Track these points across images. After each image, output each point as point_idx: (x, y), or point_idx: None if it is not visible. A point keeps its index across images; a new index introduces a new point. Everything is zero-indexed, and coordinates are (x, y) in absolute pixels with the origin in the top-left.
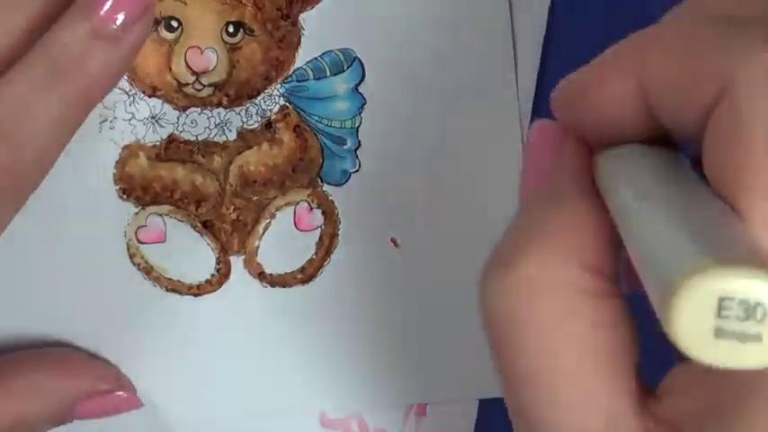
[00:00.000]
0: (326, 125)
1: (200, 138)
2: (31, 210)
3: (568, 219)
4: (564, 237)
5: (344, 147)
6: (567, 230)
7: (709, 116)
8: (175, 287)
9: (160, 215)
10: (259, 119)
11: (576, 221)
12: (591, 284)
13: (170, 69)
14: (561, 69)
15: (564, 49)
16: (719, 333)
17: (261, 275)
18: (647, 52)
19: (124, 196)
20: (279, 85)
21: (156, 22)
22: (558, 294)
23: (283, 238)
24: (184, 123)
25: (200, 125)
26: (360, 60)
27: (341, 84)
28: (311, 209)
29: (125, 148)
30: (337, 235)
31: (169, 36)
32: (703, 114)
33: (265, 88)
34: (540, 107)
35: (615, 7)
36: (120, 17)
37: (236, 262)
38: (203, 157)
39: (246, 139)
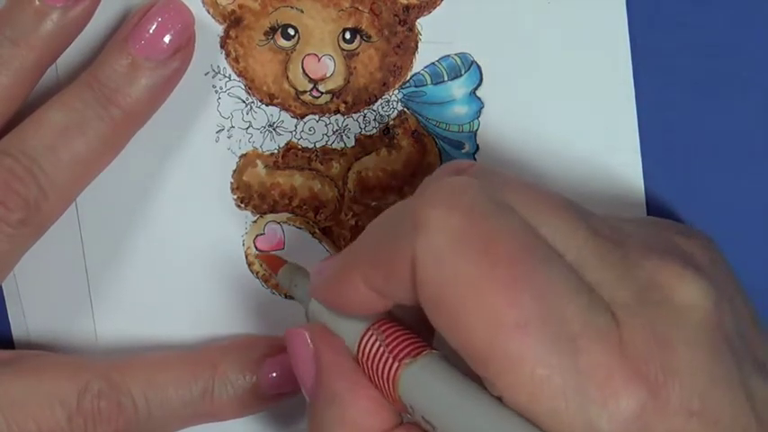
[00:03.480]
0: (444, 129)
1: (317, 145)
2: (150, 220)
3: (346, 409)
4: (350, 423)
5: (462, 151)
6: (349, 419)
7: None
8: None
9: (278, 223)
10: (377, 125)
11: (351, 410)
12: None
13: (287, 77)
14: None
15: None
16: None
17: None
18: (358, 264)
19: (242, 205)
20: (396, 91)
21: (273, 31)
22: None
23: None
24: (302, 131)
25: (317, 132)
26: (477, 64)
27: (458, 88)
28: None
29: (242, 156)
30: None
31: (286, 44)
32: (412, 286)
33: (383, 94)
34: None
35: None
36: (163, 43)
37: None
38: (321, 163)
39: (365, 145)
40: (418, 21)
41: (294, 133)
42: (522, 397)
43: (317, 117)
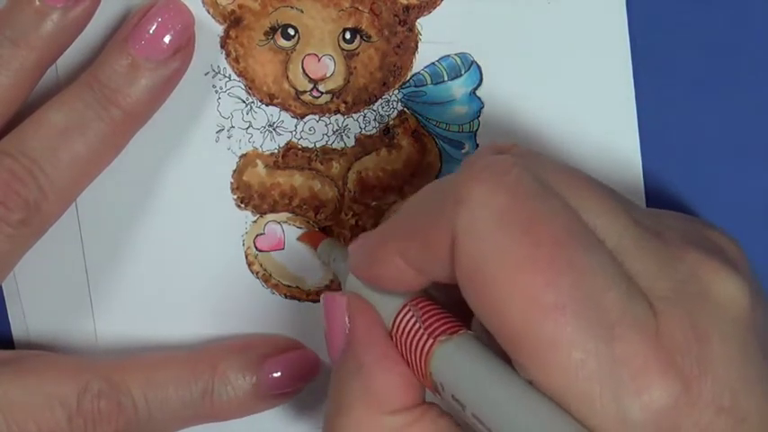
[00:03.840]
0: (444, 129)
1: (317, 145)
2: (150, 220)
3: (372, 381)
4: (373, 395)
5: (463, 151)
6: (373, 391)
7: (453, 266)
8: (294, 294)
9: (278, 222)
10: (377, 125)
11: (377, 382)
12: (399, 421)
13: (287, 77)
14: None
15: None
16: None
17: None
18: (397, 238)
19: (242, 205)
20: (396, 91)
21: (273, 31)
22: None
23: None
24: (302, 131)
25: (317, 132)
26: (477, 64)
27: (459, 88)
28: None
29: (242, 156)
30: None
31: (286, 44)
32: (450, 262)
33: (383, 94)
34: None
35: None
36: (163, 43)
37: None
38: (321, 163)
39: (365, 145)
40: (418, 21)
41: (294, 133)
42: (555, 380)
43: (317, 117)
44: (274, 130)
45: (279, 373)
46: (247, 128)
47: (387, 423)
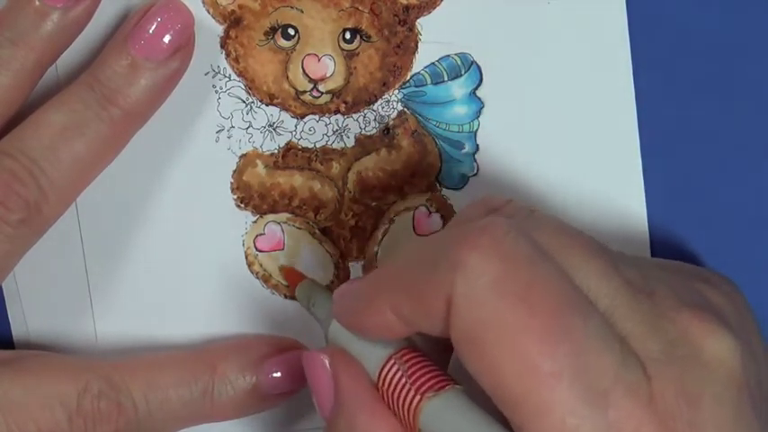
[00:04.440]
0: (444, 130)
1: (317, 145)
2: (150, 220)
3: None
4: None
5: (463, 151)
6: None
7: (449, 327)
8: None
9: (278, 223)
10: (377, 125)
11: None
12: None
13: (287, 77)
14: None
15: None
16: None
17: None
18: (389, 292)
19: (242, 205)
20: (396, 91)
21: (273, 31)
22: None
23: (402, 242)
24: (302, 131)
25: (317, 132)
26: (477, 65)
27: (458, 88)
28: (430, 213)
29: (242, 156)
30: None
31: (286, 44)
32: (443, 321)
33: (383, 94)
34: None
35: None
36: (163, 43)
37: (356, 268)
38: (321, 164)
39: (365, 145)
40: (418, 21)
41: (294, 133)
42: None
43: (317, 117)
44: (274, 130)
45: (278, 373)
46: (247, 128)
47: None
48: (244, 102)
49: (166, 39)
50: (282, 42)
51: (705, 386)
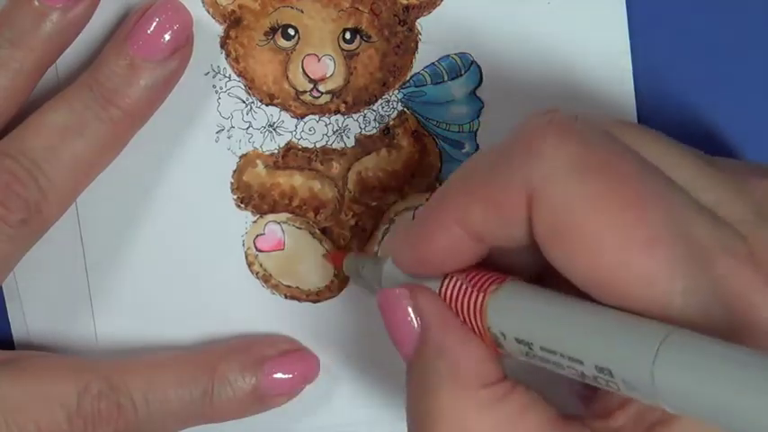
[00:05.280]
0: (444, 129)
1: (317, 145)
2: (150, 220)
3: (458, 359)
4: (461, 373)
5: (463, 151)
6: (461, 369)
7: (532, 222)
8: (294, 294)
9: (278, 223)
10: (377, 125)
11: (463, 360)
12: (492, 394)
13: (287, 77)
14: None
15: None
16: None
17: None
18: (457, 201)
19: (242, 205)
20: (396, 91)
21: (273, 31)
22: (471, 411)
23: None
24: (302, 131)
25: (317, 132)
26: (477, 64)
27: (458, 88)
28: None
29: (242, 156)
30: None
31: (286, 44)
32: (525, 224)
33: (383, 94)
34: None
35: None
36: (162, 43)
37: None
38: (321, 163)
39: (365, 145)
40: (418, 21)
41: (294, 133)
42: (658, 313)
43: (317, 117)
44: (274, 130)
45: (279, 374)
46: (247, 128)
47: (480, 397)
48: (244, 102)
49: (165, 38)
50: (282, 42)
51: None
